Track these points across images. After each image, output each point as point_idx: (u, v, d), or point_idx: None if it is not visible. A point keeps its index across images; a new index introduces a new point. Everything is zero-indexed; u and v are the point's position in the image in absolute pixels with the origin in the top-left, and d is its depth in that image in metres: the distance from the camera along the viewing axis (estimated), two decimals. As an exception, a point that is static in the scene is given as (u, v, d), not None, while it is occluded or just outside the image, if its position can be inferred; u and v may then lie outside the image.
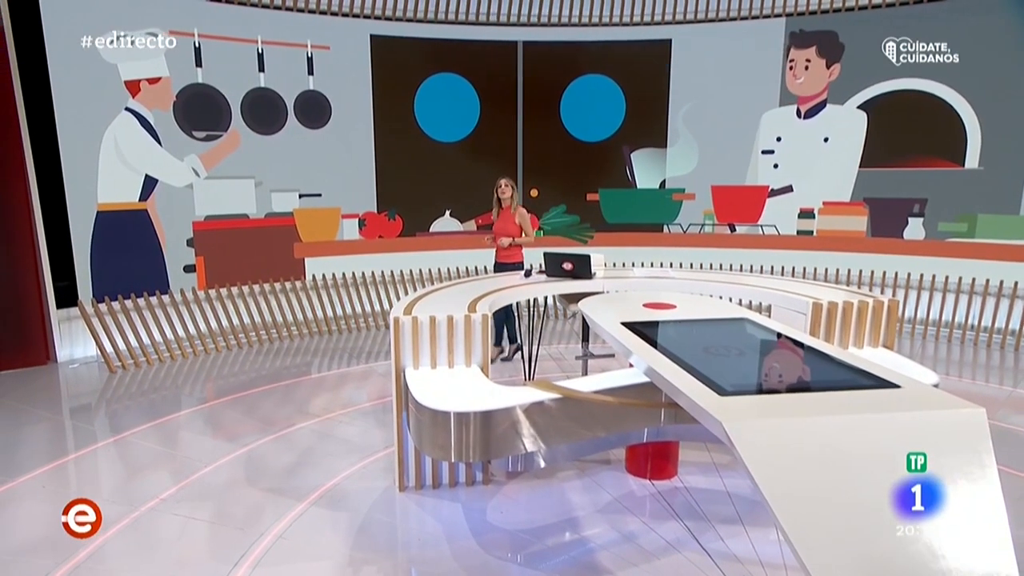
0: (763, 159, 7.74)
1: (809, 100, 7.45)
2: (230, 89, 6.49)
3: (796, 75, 7.41)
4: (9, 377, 5.28)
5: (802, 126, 7.51)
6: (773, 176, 7.77)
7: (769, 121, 7.67)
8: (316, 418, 4.45)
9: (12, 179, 5.33)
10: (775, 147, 7.65)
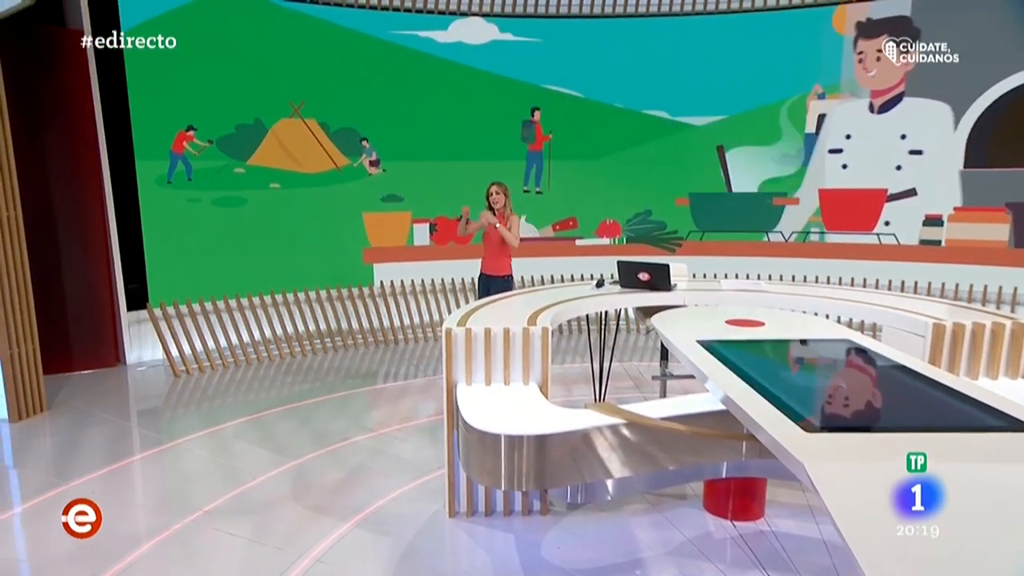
0: (830, 159, 7.38)
1: (883, 93, 7.02)
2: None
3: (867, 67, 7.03)
4: (80, 378, 5.62)
5: (876, 122, 7.13)
6: (842, 177, 7.37)
7: (837, 116, 7.26)
8: (370, 433, 4.44)
9: (90, 185, 5.70)
10: (844, 145, 7.31)
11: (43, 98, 5.47)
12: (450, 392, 3.27)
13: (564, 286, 4.73)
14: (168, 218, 6.09)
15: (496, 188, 5.18)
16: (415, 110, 7.21)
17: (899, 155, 7.17)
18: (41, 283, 5.28)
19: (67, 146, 5.63)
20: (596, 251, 7.76)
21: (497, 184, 5.20)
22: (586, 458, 2.81)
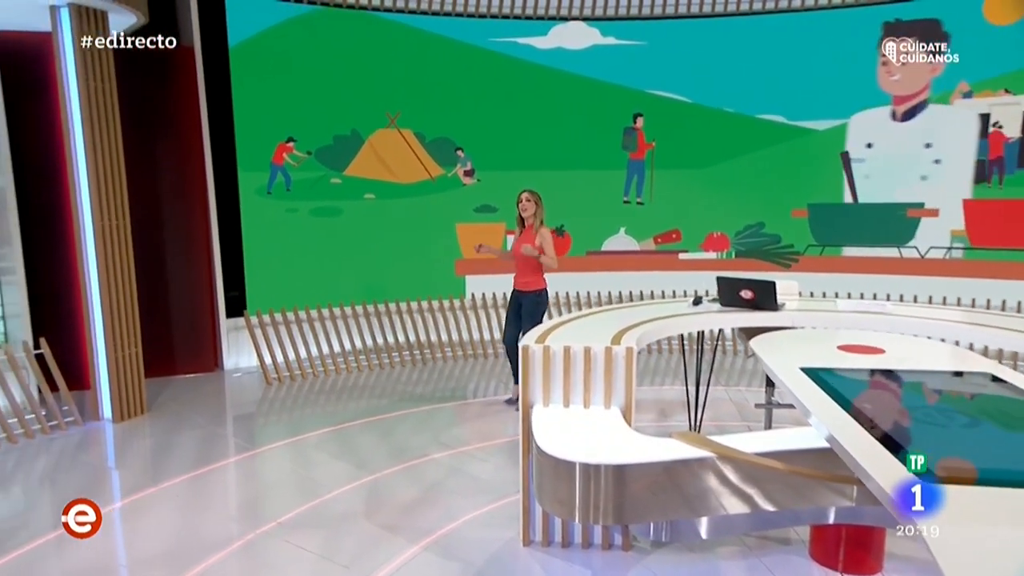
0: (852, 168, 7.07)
1: (907, 100, 6.74)
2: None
3: (891, 71, 6.75)
4: (181, 382, 5.99)
5: (898, 130, 6.87)
6: (865, 188, 7.03)
7: (858, 124, 7.01)
8: (450, 450, 4.42)
9: (196, 196, 6.09)
10: (865, 155, 7.04)
11: (155, 112, 5.90)
12: (526, 413, 3.17)
13: (658, 303, 4.53)
14: (267, 228, 6.40)
15: (527, 195, 4.98)
16: (512, 119, 7.22)
17: (923, 165, 6.85)
18: (147, 290, 5.66)
19: (175, 159, 6.04)
20: (701, 266, 7.43)
21: (528, 192, 5.01)
22: (670, 493, 2.62)
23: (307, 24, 6.47)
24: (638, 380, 6.10)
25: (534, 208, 4.95)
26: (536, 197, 4.99)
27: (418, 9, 6.83)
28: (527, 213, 4.96)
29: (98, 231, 4.73)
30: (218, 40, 6.02)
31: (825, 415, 2.24)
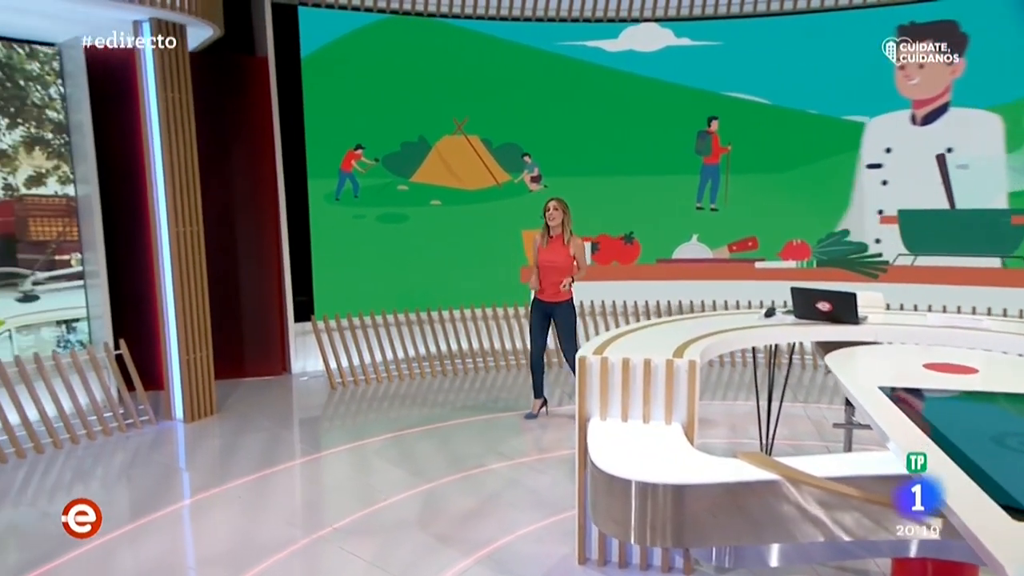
0: (868, 175, 6.88)
1: (926, 103, 6.59)
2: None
3: (909, 75, 6.61)
4: (250, 385, 6.18)
5: (918, 134, 6.70)
6: (882, 195, 6.87)
7: (876, 129, 6.80)
8: (508, 461, 4.38)
9: (267, 203, 6.29)
10: (883, 160, 6.85)
11: (231, 121, 6.15)
12: (582, 426, 3.09)
13: (728, 314, 4.36)
14: (334, 234, 6.55)
15: (554, 204, 4.88)
16: (580, 123, 7.15)
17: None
18: (219, 294, 5.87)
19: (249, 166, 6.27)
20: (779, 275, 7.13)
21: (556, 200, 4.91)
22: (733, 517, 2.49)
23: (376, 33, 6.60)
24: (708, 395, 5.93)
25: (562, 217, 4.88)
26: (564, 205, 4.92)
27: (485, 15, 6.87)
28: (554, 223, 4.89)
29: (173, 237, 4.94)
30: (291, 50, 6.22)
31: (905, 440, 2.07)
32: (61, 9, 4.43)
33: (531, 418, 5.23)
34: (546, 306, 5.04)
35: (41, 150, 5.14)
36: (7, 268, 5.04)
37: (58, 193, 5.24)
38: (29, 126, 5.07)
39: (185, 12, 4.76)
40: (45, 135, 5.15)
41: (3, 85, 4.95)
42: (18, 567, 3.18)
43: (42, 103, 5.15)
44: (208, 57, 5.88)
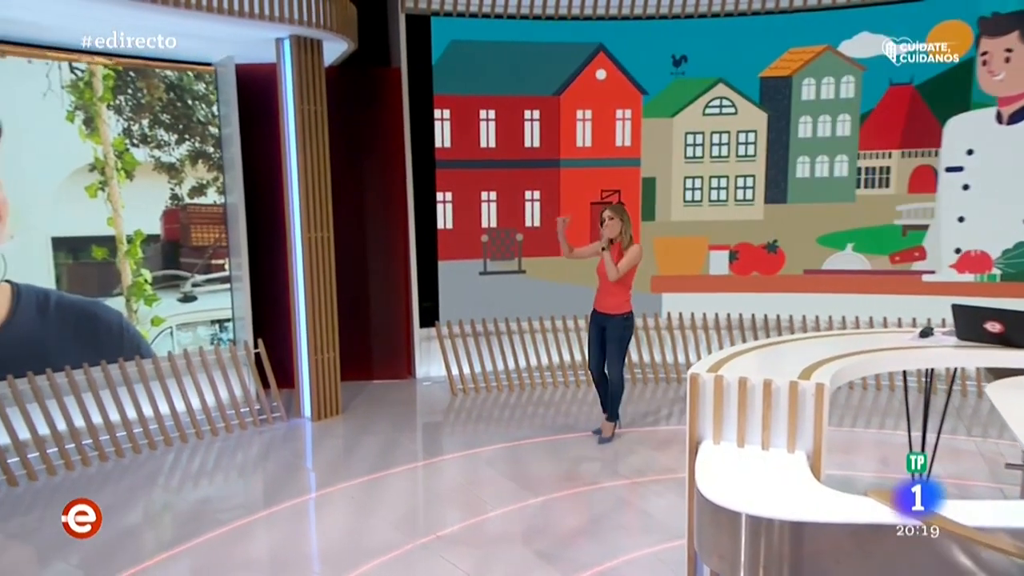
0: (947, 179, 6.20)
1: (1013, 101, 6.04)
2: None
3: (993, 70, 6.11)
4: (375, 387, 6.44)
5: (1005, 134, 6.10)
6: (962, 201, 6.29)
7: (956, 129, 6.23)
8: (624, 479, 4.22)
9: (396, 210, 6.54)
10: (965, 162, 6.26)
11: (364, 131, 6.45)
12: (692, 449, 2.90)
13: (876, 332, 3.96)
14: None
15: (609, 214, 4.72)
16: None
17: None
18: (349, 298, 6.17)
19: (380, 175, 6.55)
20: (952, 290, 6.39)
21: (610, 210, 4.73)
22: (858, 563, 2.22)
23: (503, 39, 6.67)
24: (850, 420, 5.44)
25: (619, 226, 4.74)
26: (619, 214, 4.76)
27: (619, 15, 6.76)
28: (613, 233, 4.75)
29: (305, 243, 5.26)
30: (423, 60, 6.41)
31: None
32: (213, 30, 4.84)
33: (598, 435, 5.02)
34: (601, 318, 4.89)
35: (203, 163, 5.66)
36: (171, 271, 5.59)
37: (216, 202, 5.74)
38: (194, 141, 5.60)
39: (322, 28, 5.06)
40: (207, 149, 5.67)
41: (174, 105, 5.50)
42: (168, 543, 3.54)
43: (205, 120, 5.67)
44: (345, 70, 6.22)
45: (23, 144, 4.68)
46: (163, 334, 5.49)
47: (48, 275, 4.87)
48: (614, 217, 4.73)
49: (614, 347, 4.82)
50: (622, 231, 4.74)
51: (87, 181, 5.03)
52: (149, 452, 4.81)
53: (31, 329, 4.78)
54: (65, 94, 4.88)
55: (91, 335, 5.06)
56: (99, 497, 4.09)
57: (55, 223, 4.90)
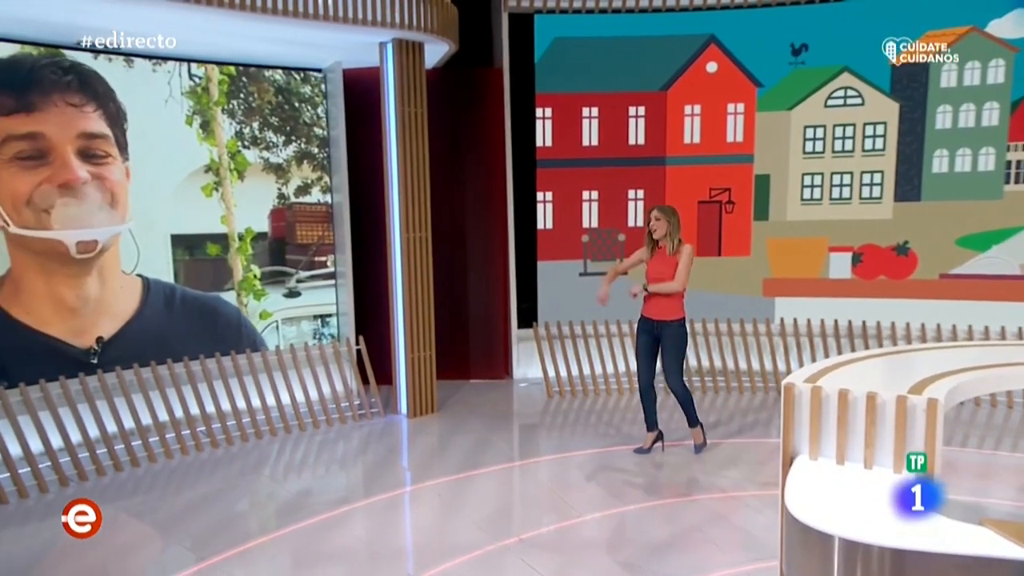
0: None
1: None
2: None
3: None
4: (472, 387, 6.56)
5: None
6: None
7: None
8: (721, 493, 4.08)
9: (496, 211, 6.64)
10: None
11: (466, 132, 6.60)
12: (786, 464, 2.76)
13: (1013, 344, 3.61)
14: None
15: (656, 214, 4.53)
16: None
17: None
18: (447, 297, 6.34)
19: (480, 176, 6.67)
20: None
21: (658, 209, 4.54)
22: (969, 598, 2.04)
23: (609, 34, 6.62)
24: (992, 442, 4.98)
25: (666, 227, 4.54)
26: (667, 215, 4.56)
27: (731, 4, 6.55)
28: (659, 234, 4.56)
29: (403, 242, 5.45)
30: (525, 59, 6.47)
31: None
32: (321, 37, 5.11)
33: (641, 452, 4.79)
34: (653, 325, 4.65)
35: (308, 163, 5.98)
36: (278, 267, 5.94)
37: (320, 201, 6.05)
38: (300, 142, 5.94)
39: (423, 31, 5.22)
40: (312, 150, 5.99)
41: (282, 108, 5.85)
42: (268, 528, 3.82)
43: (311, 121, 6.00)
44: (447, 71, 6.38)
45: (148, 147, 5.12)
46: (269, 328, 5.84)
47: (167, 270, 5.31)
48: (661, 218, 4.58)
49: (672, 356, 4.64)
50: (668, 233, 4.57)
51: (203, 181, 5.44)
52: (255, 441, 5.13)
53: (158, 322, 5.22)
54: (184, 100, 5.30)
55: (211, 329, 5.47)
56: (210, 481, 4.45)
57: (174, 221, 5.33)
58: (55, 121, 4.60)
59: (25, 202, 4.51)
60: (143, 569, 3.35)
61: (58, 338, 4.75)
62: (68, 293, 4.77)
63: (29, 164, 4.51)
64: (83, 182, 4.70)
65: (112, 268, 4.99)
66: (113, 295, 4.99)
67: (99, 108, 4.85)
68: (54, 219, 4.61)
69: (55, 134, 4.60)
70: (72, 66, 4.73)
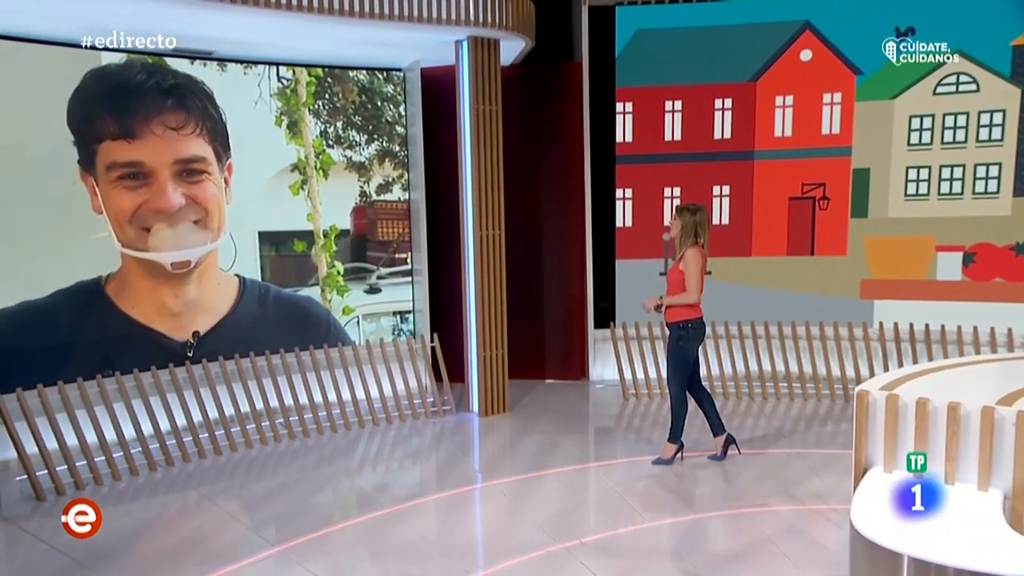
0: None
1: None
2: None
3: None
4: (546, 387, 6.59)
5: None
6: None
7: None
8: (799, 504, 3.95)
9: (574, 208, 6.62)
10: None
11: (544, 128, 6.63)
12: (858, 477, 2.65)
13: None
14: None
15: (674, 214, 4.44)
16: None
17: None
18: (522, 296, 6.38)
19: (558, 173, 6.69)
20: None
21: (679, 207, 4.44)
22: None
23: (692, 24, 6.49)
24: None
25: (679, 228, 4.38)
26: (685, 214, 4.38)
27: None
28: (672, 233, 4.46)
29: (476, 240, 5.55)
30: (605, 52, 6.43)
31: None
32: (399, 37, 5.28)
33: (662, 463, 4.59)
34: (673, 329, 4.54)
35: (389, 161, 6.18)
36: (359, 263, 6.17)
37: (400, 199, 6.24)
38: (382, 140, 6.14)
39: (498, 28, 5.29)
40: (393, 148, 6.18)
41: (365, 107, 6.07)
42: (340, 517, 4.04)
43: (392, 120, 6.19)
44: (525, 67, 6.43)
45: (239, 147, 5.43)
46: (350, 323, 6.07)
47: (254, 266, 5.61)
48: (677, 218, 4.47)
49: (670, 359, 4.53)
50: (680, 234, 4.41)
51: (290, 180, 5.72)
52: (330, 435, 5.37)
53: (251, 319, 5.54)
54: (273, 101, 5.59)
55: (301, 329, 5.74)
56: (289, 471, 4.72)
57: (262, 219, 5.63)
58: (153, 146, 4.91)
59: (128, 220, 4.88)
60: (220, 551, 3.57)
61: (159, 331, 5.12)
62: (169, 297, 5.14)
63: (131, 185, 4.87)
64: (177, 208, 5.01)
65: (211, 269, 5.34)
66: (210, 294, 5.33)
67: (199, 124, 5.13)
68: (150, 241, 4.96)
69: (153, 160, 4.91)
70: (173, 87, 5.03)
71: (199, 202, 5.15)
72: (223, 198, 5.32)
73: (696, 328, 4.49)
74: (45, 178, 4.68)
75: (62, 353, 4.74)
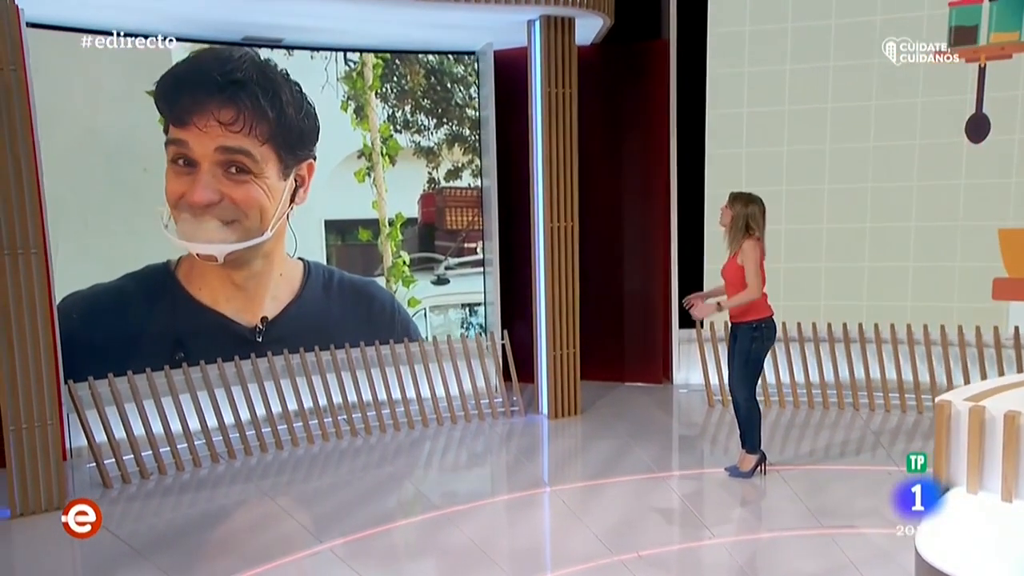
0: None
1: None
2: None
3: None
4: (624, 390, 6.58)
5: None
6: None
7: None
8: (890, 528, 3.75)
9: (657, 199, 6.58)
10: None
11: (626, 112, 6.61)
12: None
13: None
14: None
15: (726, 204, 4.29)
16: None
17: None
18: (599, 292, 6.42)
19: (641, 161, 6.66)
20: None
21: (732, 194, 4.31)
22: None
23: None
24: None
25: (730, 218, 4.26)
26: (735, 203, 4.26)
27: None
28: (722, 222, 4.35)
29: (547, 233, 5.62)
30: (696, 29, 6.31)
31: None
32: (470, 19, 5.42)
33: (739, 476, 4.46)
34: (732, 328, 4.49)
35: (459, 146, 6.34)
36: (427, 253, 6.37)
37: (470, 185, 6.38)
38: (452, 124, 6.31)
39: (572, 6, 5.34)
40: (463, 131, 6.33)
41: (434, 90, 6.25)
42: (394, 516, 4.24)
43: (463, 102, 6.34)
44: (607, 47, 6.44)
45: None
46: (417, 315, 6.27)
47: (320, 255, 5.90)
48: (727, 208, 4.34)
49: (738, 362, 4.43)
50: (733, 223, 4.28)
51: (356, 167, 5.97)
52: (394, 433, 5.58)
53: (317, 305, 5.84)
54: (340, 85, 5.84)
55: (366, 314, 6.01)
56: (351, 468, 5.00)
57: (328, 206, 5.91)
58: (199, 137, 5.19)
59: (174, 205, 5.22)
60: (272, 546, 3.80)
61: (227, 316, 5.48)
62: (235, 273, 5.47)
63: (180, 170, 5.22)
64: (207, 204, 5.25)
65: (278, 252, 5.65)
66: (277, 278, 5.65)
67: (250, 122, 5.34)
68: (178, 229, 5.23)
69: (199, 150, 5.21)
70: (242, 80, 5.31)
71: (236, 202, 5.36)
72: (273, 200, 5.52)
73: (769, 327, 4.42)
74: (117, 165, 5.11)
75: (134, 337, 5.15)
